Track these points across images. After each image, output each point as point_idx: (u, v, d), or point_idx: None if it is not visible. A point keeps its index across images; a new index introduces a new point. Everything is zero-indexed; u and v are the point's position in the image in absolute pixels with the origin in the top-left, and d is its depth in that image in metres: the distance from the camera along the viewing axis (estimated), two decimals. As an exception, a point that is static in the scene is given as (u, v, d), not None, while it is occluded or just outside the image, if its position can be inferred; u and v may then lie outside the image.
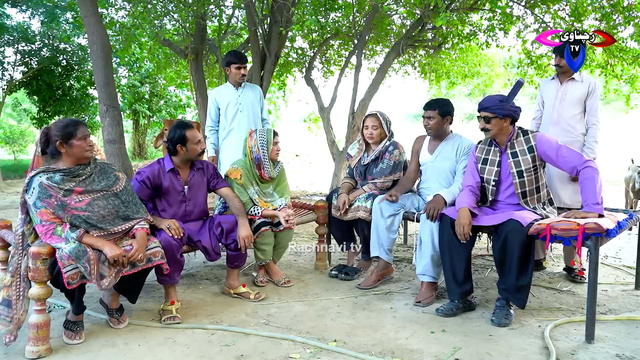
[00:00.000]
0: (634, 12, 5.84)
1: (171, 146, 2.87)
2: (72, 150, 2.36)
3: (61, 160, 2.39)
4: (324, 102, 8.50)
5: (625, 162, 7.56)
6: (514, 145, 2.80)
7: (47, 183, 2.28)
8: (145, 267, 2.44)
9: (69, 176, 2.36)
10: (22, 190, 2.33)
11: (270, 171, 3.27)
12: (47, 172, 2.32)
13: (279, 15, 6.85)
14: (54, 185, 2.29)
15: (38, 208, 2.26)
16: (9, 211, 6.90)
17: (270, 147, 3.24)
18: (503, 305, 2.65)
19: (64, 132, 2.34)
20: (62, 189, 2.31)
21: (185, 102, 18.35)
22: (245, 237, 2.88)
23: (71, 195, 2.33)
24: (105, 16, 7.89)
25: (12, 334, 2.26)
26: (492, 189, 2.88)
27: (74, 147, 2.36)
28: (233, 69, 3.95)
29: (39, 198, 2.26)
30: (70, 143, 2.35)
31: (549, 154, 2.72)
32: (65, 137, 2.34)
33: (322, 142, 9.81)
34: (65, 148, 2.36)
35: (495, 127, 2.76)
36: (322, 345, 2.33)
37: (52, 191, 2.28)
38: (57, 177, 2.32)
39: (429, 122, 3.22)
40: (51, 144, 2.36)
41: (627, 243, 4.62)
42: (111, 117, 5.39)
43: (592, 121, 3.32)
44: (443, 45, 8.06)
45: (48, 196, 2.27)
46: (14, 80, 12.56)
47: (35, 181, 2.29)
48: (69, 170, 2.37)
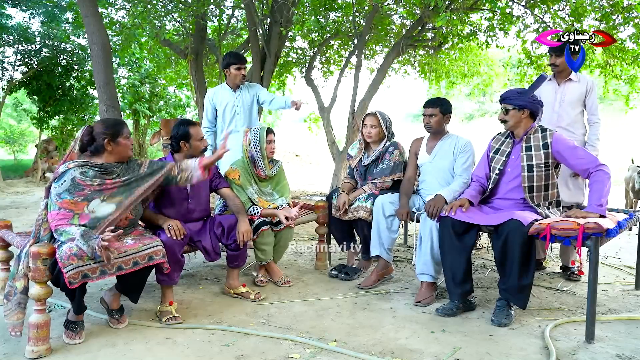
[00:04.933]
0: (633, 13, 5.85)
1: (175, 143, 2.89)
2: (118, 148, 2.49)
3: (100, 157, 2.47)
4: (324, 102, 8.50)
5: (625, 162, 7.57)
6: (530, 139, 2.81)
7: (81, 178, 2.35)
8: (146, 265, 2.44)
9: (102, 172, 2.43)
10: (52, 178, 2.39)
11: (265, 169, 3.28)
12: (82, 166, 2.39)
13: (279, 15, 6.85)
14: (87, 180, 2.36)
15: (61, 198, 2.30)
16: (9, 211, 6.90)
17: (264, 145, 3.25)
18: (504, 305, 2.65)
19: (112, 130, 2.47)
20: (94, 183, 2.38)
21: (185, 102, 18.34)
22: (244, 232, 2.89)
23: (105, 185, 2.41)
24: (105, 16, 7.89)
25: (20, 329, 2.26)
26: (494, 177, 2.89)
27: (120, 145, 2.49)
28: (233, 70, 3.94)
29: (67, 191, 2.31)
30: (117, 141, 2.48)
31: (563, 154, 2.73)
32: (114, 135, 2.46)
33: (322, 142, 9.81)
34: (112, 146, 2.47)
35: (513, 119, 2.80)
36: (322, 345, 2.33)
37: (85, 184, 2.35)
38: (90, 173, 2.40)
39: (430, 120, 3.23)
40: (97, 141, 2.45)
41: (627, 243, 4.63)
42: (111, 117, 5.39)
43: (593, 119, 3.34)
44: (443, 45, 8.06)
45: (80, 189, 2.33)
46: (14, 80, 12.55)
47: (68, 174, 2.34)
48: (105, 165, 2.46)
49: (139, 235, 2.55)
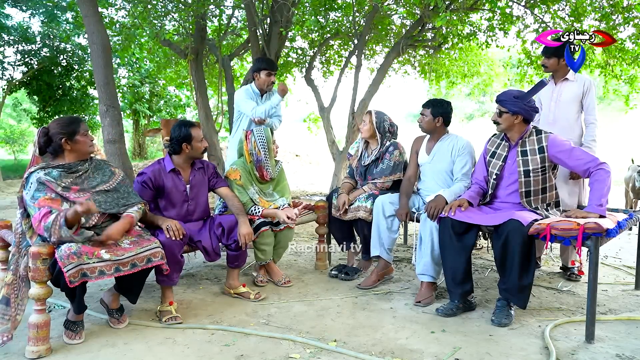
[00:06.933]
0: (633, 13, 5.85)
1: (176, 144, 2.88)
2: (76, 146, 2.45)
3: (62, 158, 2.44)
4: (324, 102, 8.50)
5: (625, 162, 7.57)
6: (525, 143, 2.79)
7: (46, 178, 2.32)
8: (145, 267, 2.43)
9: (66, 172, 2.40)
10: (20, 186, 2.37)
11: (272, 171, 3.27)
12: (45, 168, 2.36)
13: (279, 15, 6.85)
14: (52, 181, 2.33)
15: (36, 199, 2.28)
16: (9, 211, 6.90)
17: (272, 146, 3.24)
18: (504, 305, 2.65)
19: (68, 129, 2.42)
20: (60, 185, 2.35)
21: (185, 102, 18.35)
22: (246, 234, 2.89)
23: (69, 192, 2.37)
24: (105, 16, 7.89)
25: (9, 333, 2.26)
26: (492, 182, 2.89)
27: (79, 142, 2.45)
28: (263, 75, 3.90)
29: (37, 190, 2.29)
30: (75, 139, 2.44)
31: (560, 157, 2.71)
32: (70, 134, 2.42)
33: (322, 142, 9.81)
34: (70, 145, 2.43)
35: (505, 123, 2.78)
36: (322, 345, 2.33)
37: (51, 185, 2.32)
38: (54, 173, 2.37)
39: (422, 119, 3.26)
40: (54, 142, 2.40)
41: (627, 243, 4.63)
42: (111, 117, 5.38)
43: (590, 120, 3.32)
44: (443, 45, 8.06)
45: (47, 188, 2.31)
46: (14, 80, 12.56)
47: (33, 177, 2.33)
48: (67, 165, 2.42)
49: (137, 237, 2.51)
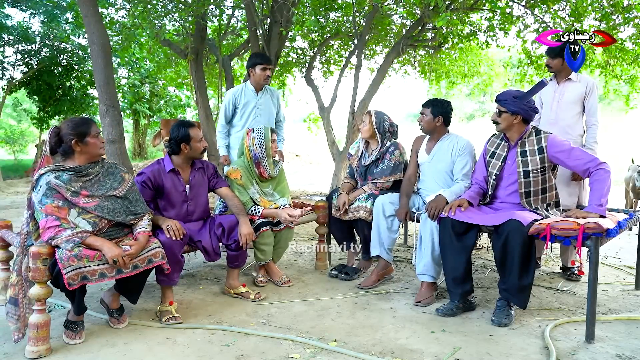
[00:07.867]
0: (633, 13, 5.85)
1: (175, 145, 2.87)
2: (86, 148, 2.39)
3: (72, 159, 2.40)
4: (324, 102, 8.50)
5: (625, 162, 7.57)
6: (525, 144, 2.79)
7: (55, 182, 2.29)
8: (146, 268, 2.44)
9: (77, 175, 2.37)
10: (30, 188, 2.34)
11: (269, 169, 3.28)
12: (55, 170, 2.32)
13: (279, 15, 6.85)
14: (61, 185, 2.30)
15: (43, 204, 2.26)
16: (9, 211, 6.90)
17: (269, 145, 3.24)
18: (504, 305, 2.65)
19: (78, 130, 2.36)
20: (70, 189, 2.32)
21: (185, 102, 18.36)
22: (246, 234, 2.89)
23: (78, 197, 2.34)
24: (105, 16, 7.90)
25: (21, 332, 2.28)
26: (492, 182, 2.89)
27: (89, 144, 2.39)
28: (258, 69, 3.87)
29: (45, 195, 2.27)
30: (86, 141, 2.38)
31: (560, 157, 2.71)
32: (80, 136, 2.37)
33: (322, 142, 9.81)
34: (80, 146, 2.38)
35: (504, 122, 2.78)
36: (322, 345, 2.33)
37: (61, 190, 2.29)
38: (65, 176, 2.33)
39: (422, 119, 3.26)
40: (64, 143, 2.37)
41: (627, 243, 4.63)
42: (111, 117, 5.39)
43: (592, 121, 3.31)
44: (443, 45, 8.06)
45: (55, 194, 2.28)
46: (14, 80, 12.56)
47: (43, 180, 2.29)
48: (78, 168, 2.38)
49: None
